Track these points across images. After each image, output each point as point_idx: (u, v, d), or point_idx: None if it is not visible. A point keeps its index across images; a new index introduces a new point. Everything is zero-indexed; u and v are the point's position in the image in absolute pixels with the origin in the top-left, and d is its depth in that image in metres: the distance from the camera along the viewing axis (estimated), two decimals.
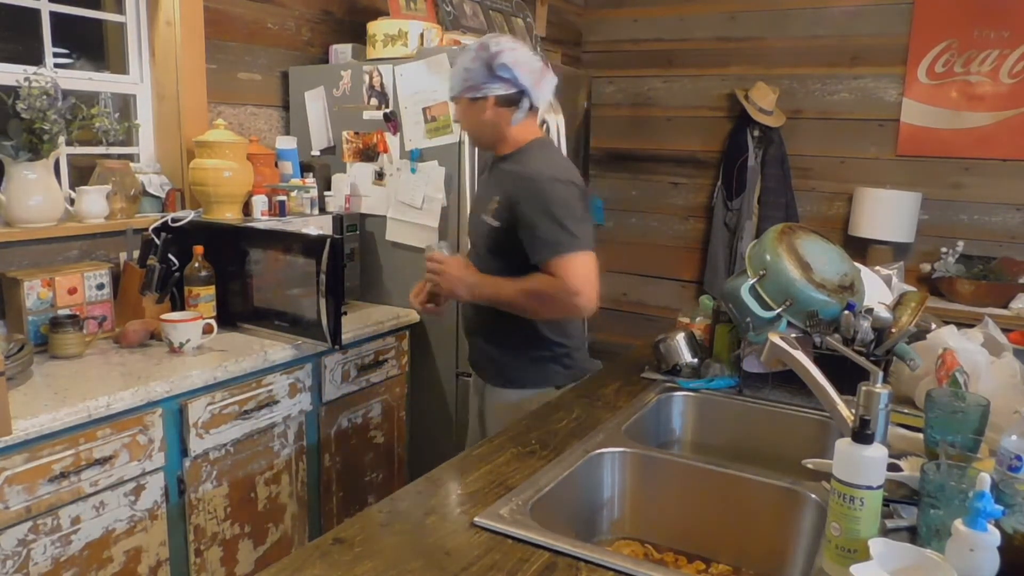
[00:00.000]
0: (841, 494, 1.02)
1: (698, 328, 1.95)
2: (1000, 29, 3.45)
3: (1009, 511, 0.96)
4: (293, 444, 2.20)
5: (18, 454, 1.54)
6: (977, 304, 3.29)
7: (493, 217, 1.85)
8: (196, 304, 2.17)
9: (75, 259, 2.20)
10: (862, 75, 3.76)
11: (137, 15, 2.46)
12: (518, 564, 1.05)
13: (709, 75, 4.08)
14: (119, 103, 2.50)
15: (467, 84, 1.82)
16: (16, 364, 1.72)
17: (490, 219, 1.85)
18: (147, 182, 2.40)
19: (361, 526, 1.13)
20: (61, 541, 1.65)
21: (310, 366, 2.21)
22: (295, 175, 2.64)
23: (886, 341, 1.61)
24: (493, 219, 1.85)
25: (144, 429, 1.78)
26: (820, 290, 1.60)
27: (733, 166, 3.88)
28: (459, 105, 1.89)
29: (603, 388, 1.80)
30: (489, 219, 1.86)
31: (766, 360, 1.73)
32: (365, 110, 2.66)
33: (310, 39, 2.91)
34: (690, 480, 1.42)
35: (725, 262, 3.96)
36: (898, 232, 3.57)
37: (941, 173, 3.65)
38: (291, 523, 2.23)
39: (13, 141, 1.98)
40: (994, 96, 3.50)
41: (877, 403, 1.18)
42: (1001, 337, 1.75)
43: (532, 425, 1.56)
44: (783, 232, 1.69)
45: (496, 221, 1.84)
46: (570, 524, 1.32)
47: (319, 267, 2.09)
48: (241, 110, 2.70)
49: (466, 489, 1.26)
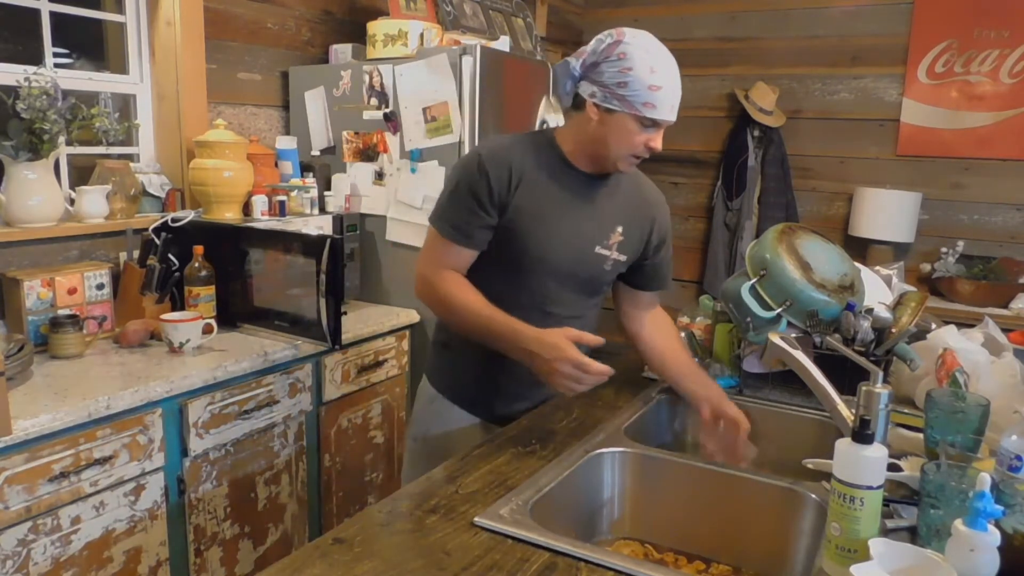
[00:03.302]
0: (841, 494, 1.02)
1: (698, 328, 1.95)
2: (1000, 29, 3.45)
3: (1009, 511, 0.96)
4: (293, 444, 2.20)
5: (18, 454, 1.54)
6: (977, 304, 3.29)
7: (618, 250, 1.60)
8: (196, 304, 2.17)
9: (75, 259, 2.20)
10: (862, 75, 3.76)
11: (137, 15, 2.46)
12: (518, 564, 1.05)
13: (709, 75, 4.08)
14: (119, 103, 2.50)
15: None
16: (16, 364, 1.72)
17: (614, 253, 1.60)
18: (147, 182, 2.40)
19: (361, 526, 1.13)
20: (61, 541, 1.65)
21: (310, 366, 2.21)
22: (295, 175, 2.64)
23: (886, 341, 1.61)
24: (618, 253, 1.61)
25: (144, 429, 1.78)
26: (820, 290, 1.60)
27: (733, 166, 3.88)
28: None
29: (603, 388, 1.79)
30: (612, 253, 1.60)
31: (766, 360, 1.73)
32: (365, 110, 2.66)
33: (310, 39, 2.91)
34: (690, 480, 1.42)
35: (725, 262, 3.96)
36: (898, 232, 3.58)
37: (941, 173, 3.65)
38: (291, 523, 2.23)
39: (13, 141, 1.97)
40: (994, 96, 3.50)
41: (877, 403, 1.18)
42: (1001, 337, 1.75)
43: (532, 425, 1.55)
44: (783, 232, 1.69)
45: (623, 255, 1.62)
46: (570, 524, 1.32)
47: (319, 267, 2.09)
48: (241, 110, 2.70)
49: (466, 489, 1.26)
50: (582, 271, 1.58)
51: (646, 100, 1.42)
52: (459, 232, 1.51)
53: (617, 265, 1.62)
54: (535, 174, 1.52)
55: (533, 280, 1.56)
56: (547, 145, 1.56)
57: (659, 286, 1.74)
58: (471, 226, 1.51)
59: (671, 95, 1.44)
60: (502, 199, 1.49)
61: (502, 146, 1.54)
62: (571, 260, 1.56)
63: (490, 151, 1.52)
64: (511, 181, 1.49)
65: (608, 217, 1.59)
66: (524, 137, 1.60)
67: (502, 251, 1.54)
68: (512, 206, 1.50)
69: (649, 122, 1.45)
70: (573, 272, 1.57)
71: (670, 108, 1.45)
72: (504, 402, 1.66)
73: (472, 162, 1.51)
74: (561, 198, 1.54)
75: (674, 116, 1.47)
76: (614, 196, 1.60)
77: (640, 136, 1.46)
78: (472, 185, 1.49)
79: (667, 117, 1.45)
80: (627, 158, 1.50)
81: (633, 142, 1.47)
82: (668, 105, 1.44)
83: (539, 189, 1.52)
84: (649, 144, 1.47)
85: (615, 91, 1.43)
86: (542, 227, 1.52)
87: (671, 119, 1.46)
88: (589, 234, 1.57)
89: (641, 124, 1.45)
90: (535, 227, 1.51)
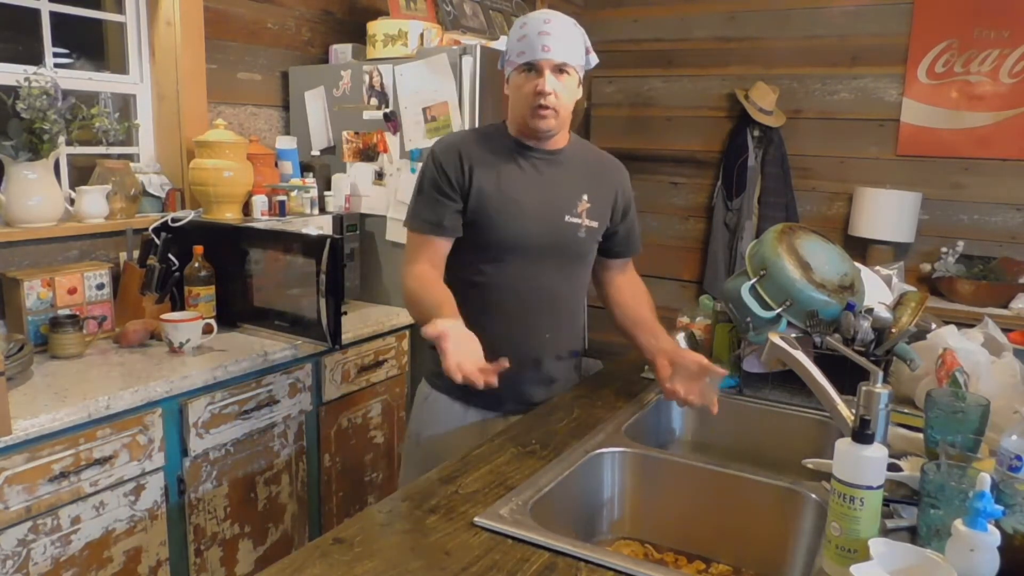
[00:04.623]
0: (841, 494, 1.02)
1: (698, 328, 1.95)
2: (1000, 29, 3.45)
3: (1009, 511, 0.96)
4: (293, 444, 2.20)
5: (18, 454, 1.55)
6: (977, 304, 3.29)
7: (588, 217, 1.65)
8: (196, 304, 2.17)
9: (75, 259, 2.20)
10: (862, 75, 3.76)
11: (137, 15, 2.46)
12: (518, 564, 1.05)
13: (709, 75, 4.08)
14: (119, 103, 2.50)
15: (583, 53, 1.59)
16: (16, 364, 1.72)
17: (584, 220, 1.64)
18: (147, 182, 2.40)
19: (361, 526, 1.13)
20: (61, 541, 1.65)
21: (310, 366, 2.21)
22: (295, 175, 2.64)
23: (886, 341, 1.61)
24: (589, 219, 1.65)
25: (144, 429, 1.78)
26: (820, 290, 1.60)
27: (733, 166, 3.88)
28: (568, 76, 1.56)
29: (603, 388, 1.79)
30: (583, 220, 1.64)
31: (766, 360, 1.73)
32: (365, 110, 2.66)
33: (310, 39, 2.91)
34: (690, 480, 1.42)
35: (725, 262, 3.96)
36: (898, 232, 3.57)
37: (941, 173, 3.65)
38: (291, 523, 2.23)
39: (13, 141, 1.98)
40: (994, 96, 3.50)
41: (877, 403, 1.18)
42: (1001, 337, 1.75)
43: (532, 425, 1.55)
44: (783, 232, 1.69)
45: (594, 222, 1.66)
46: (570, 524, 1.32)
47: (319, 267, 2.09)
48: (241, 110, 2.70)
49: (466, 489, 1.26)
50: (557, 242, 1.64)
51: (518, 51, 1.55)
52: (429, 224, 1.60)
53: (592, 232, 1.68)
54: (488, 157, 1.61)
55: (513, 260, 1.62)
56: (496, 132, 1.67)
57: (631, 251, 1.80)
58: (440, 215, 1.59)
59: (534, 37, 1.53)
60: (460, 183, 1.59)
61: (452, 139, 1.67)
62: (543, 233, 1.61)
63: (441, 145, 1.64)
64: (463, 166, 1.59)
65: (571, 187, 1.66)
66: (475, 129, 1.75)
67: (477, 239, 1.61)
68: (474, 189, 1.59)
69: (525, 67, 1.55)
70: (548, 245, 1.63)
71: (539, 49, 1.52)
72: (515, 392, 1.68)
73: (427, 159, 1.63)
74: (520, 177, 1.62)
75: (549, 55, 1.52)
76: (573, 167, 1.67)
77: (527, 86, 1.55)
78: (431, 178, 1.61)
79: (537, 56, 1.53)
80: (532, 110, 1.56)
81: (523, 93, 1.56)
82: (535, 47, 1.52)
83: (495, 171, 1.61)
84: (537, 89, 1.54)
85: (505, 59, 1.61)
86: (509, 207, 1.59)
87: (544, 57, 1.52)
88: (556, 204, 1.63)
89: (524, 74, 1.56)
90: (501, 207, 1.59)
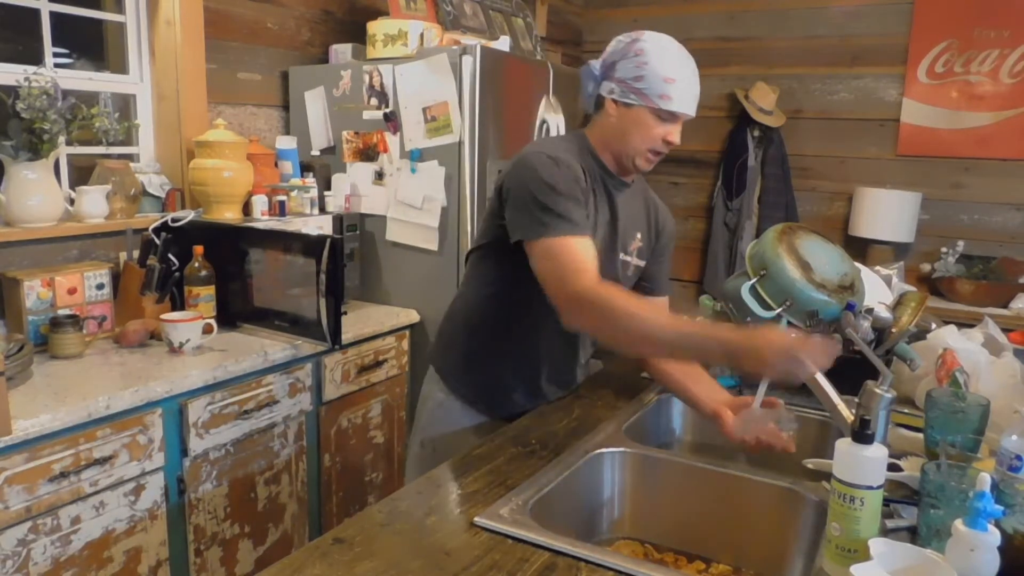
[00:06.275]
0: (841, 494, 1.02)
1: None
2: (1000, 29, 3.45)
3: (1009, 511, 0.96)
4: (293, 444, 2.20)
5: (18, 454, 1.54)
6: (977, 304, 3.29)
7: (637, 256, 1.64)
8: (196, 304, 2.17)
9: (75, 259, 2.20)
10: (862, 75, 3.76)
11: (137, 15, 2.46)
12: (518, 564, 1.05)
13: (709, 75, 4.04)
14: (119, 103, 2.50)
15: None
16: (16, 364, 1.72)
17: (634, 259, 1.63)
18: (147, 182, 2.40)
19: (361, 526, 1.13)
20: (61, 541, 1.65)
21: (310, 366, 2.21)
22: (295, 175, 2.64)
23: (886, 341, 1.61)
24: (638, 258, 1.64)
25: (144, 429, 1.78)
26: (820, 290, 1.59)
27: (733, 166, 3.88)
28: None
29: (603, 388, 1.79)
30: (633, 259, 1.63)
31: None
32: (365, 110, 2.66)
33: (310, 39, 2.91)
34: (690, 480, 1.42)
35: (725, 262, 3.96)
36: (898, 232, 3.58)
37: (941, 173, 3.65)
38: (291, 523, 2.23)
39: (13, 141, 1.98)
40: (994, 96, 3.50)
41: (878, 403, 1.18)
42: (1001, 337, 1.75)
43: (532, 425, 1.56)
44: (783, 232, 1.68)
45: (641, 260, 1.65)
46: (570, 524, 1.32)
47: (319, 267, 2.09)
48: (241, 110, 2.70)
49: (466, 489, 1.26)
50: (609, 277, 1.45)
51: (662, 92, 1.43)
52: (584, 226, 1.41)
53: (637, 271, 1.63)
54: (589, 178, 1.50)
55: None
56: (586, 150, 1.54)
57: (660, 290, 1.74)
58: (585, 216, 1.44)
59: (687, 88, 1.44)
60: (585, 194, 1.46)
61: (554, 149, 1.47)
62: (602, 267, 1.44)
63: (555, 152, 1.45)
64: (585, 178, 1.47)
65: (631, 224, 1.59)
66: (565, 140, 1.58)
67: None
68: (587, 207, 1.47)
69: (666, 114, 1.46)
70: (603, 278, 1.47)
71: (687, 101, 1.45)
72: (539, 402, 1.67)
73: (548, 163, 1.42)
74: (602, 207, 1.53)
75: (692, 110, 1.47)
76: (634, 201, 1.61)
77: (657, 129, 1.47)
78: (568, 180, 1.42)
79: (684, 109, 1.46)
80: (645, 153, 1.50)
81: (651, 135, 1.47)
82: (684, 97, 1.44)
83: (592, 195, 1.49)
84: (667, 138, 1.48)
85: (632, 85, 1.44)
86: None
87: (689, 112, 1.47)
88: (618, 241, 1.57)
89: (658, 117, 1.46)
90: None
